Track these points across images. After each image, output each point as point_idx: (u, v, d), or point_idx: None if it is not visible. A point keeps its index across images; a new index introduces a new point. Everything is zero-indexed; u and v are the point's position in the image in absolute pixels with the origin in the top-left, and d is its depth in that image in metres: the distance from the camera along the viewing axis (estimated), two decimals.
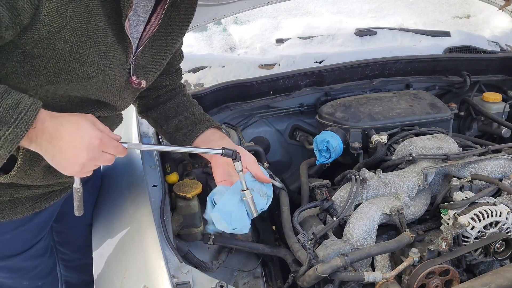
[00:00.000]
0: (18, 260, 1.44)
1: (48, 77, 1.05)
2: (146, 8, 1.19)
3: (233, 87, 2.09)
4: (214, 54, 2.88)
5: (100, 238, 1.52)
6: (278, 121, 2.24)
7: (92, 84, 1.14)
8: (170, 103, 1.53)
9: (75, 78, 1.08)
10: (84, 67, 1.08)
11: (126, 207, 1.49)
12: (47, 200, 1.39)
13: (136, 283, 1.20)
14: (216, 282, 1.12)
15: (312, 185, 1.69)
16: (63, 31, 0.99)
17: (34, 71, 1.03)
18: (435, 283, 1.29)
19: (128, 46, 1.16)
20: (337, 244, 1.39)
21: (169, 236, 1.27)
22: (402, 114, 1.92)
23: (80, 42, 1.03)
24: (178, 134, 1.48)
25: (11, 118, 0.93)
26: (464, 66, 2.36)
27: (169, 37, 1.33)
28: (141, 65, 1.27)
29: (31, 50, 0.99)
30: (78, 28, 1.01)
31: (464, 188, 1.56)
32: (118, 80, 1.21)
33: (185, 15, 1.35)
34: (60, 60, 1.03)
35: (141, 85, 1.27)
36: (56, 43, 1.00)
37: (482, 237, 1.35)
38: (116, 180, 1.67)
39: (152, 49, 1.29)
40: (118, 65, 1.17)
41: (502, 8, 2.66)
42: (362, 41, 2.95)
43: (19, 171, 1.18)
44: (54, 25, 0.97)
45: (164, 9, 1.22)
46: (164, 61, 1.37)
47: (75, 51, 1.03)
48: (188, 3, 1.34)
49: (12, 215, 1.32)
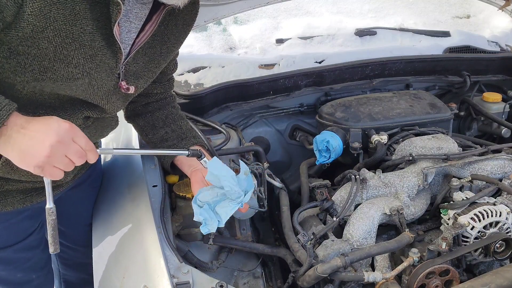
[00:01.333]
0: (11, 252, 1.44)
1: (34, 74, 1.07)
2: (140, 15, 1.19)
3: (233, 87, 2.09)
4: (214, 54, 2.87)
5: (100, 238, 1.52)
6: (278, 121, 2.25)
7: (78, 85, 1.15)
8: (159, 113, 1.53)
9: (60, 78, 1.10)
10: (69, 68, 1.09)
11: (126, 207, 1.49)
12: (38, 195, 1.39)
13: (136, 283, 1.20)
14: (216, 282, 1.12)
15: (312, 185, 1.69)
16: (46, 31, 1.01)
17: (20, 67, 1.05)
18: (435, 283, 1.29)
19: (118, 51, 1.16)
20: (337, 244, 1.39)
21: (169, 236, 1.27)
22: (402, 114, 1.92)
23: (65, 43, 1.05)
24: (162, 145, 1.49)
25: None
26: (464, 66, 2.36)
27: (165, 46, 1.33)
28: (132, 71, 1.27)
29: (16, 48, 1.01)
30: (62, 29, 1.03)
31: (464, 188, 1.56)
32: (105, 84, 1.21)
33: (183, 26, 1.36)
34: (44, 59, 1.05)
35: (129, 90, 1.27)
36: (40, 42, 1.02)
37: (482, 237, 1.35)
38: (116, 180, 1.67)
39: (145, 56, 1.29)
40: (106, 69, 1.18)
41: (502, 8, 2.66)
42: (362, 41, 2.95)
43: (4, 166, 1.18)
44: (37, 25, 0.99)
45: (159, 18, 1.22)
46: (158, 69, 1.37)
47: (59, 51, 1.05)
48: (187, 14, 1.34)
49: (2, 207, 1.33)
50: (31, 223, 1.49)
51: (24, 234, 1.47)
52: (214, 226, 1.25)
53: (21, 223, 1.44)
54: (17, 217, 1.41)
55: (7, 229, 1.41)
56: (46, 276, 1.63)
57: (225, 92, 2.07)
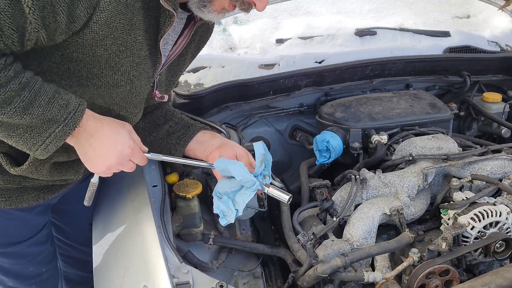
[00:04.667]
0: (25, 246, 1.51)
1: (80, 80, 1.11)
2: (176, 29, 1.28)
3: (233, 87, 2.09)
4: (214, 54, 2.87)
5: (100, 238, 1.52)
6: (278, 121, 2.24)
7: (119, 93, 1.20)
8: (158, 111, 1.55)
9: (104, 85, 1.14)
10: (116, 75, 1.14)
11: (126, 207, 1.49)
12: (50, 192, 1.44)
13: (136, 283, 1.20)
14: (216, 282, 1.12)
15: (312, 185, 1.69)
16: (106, 39, 1.06)
17: (68, 73, 1.09)
18: (435, 283, 1.29)
19: (157, 62, 1.24)
20: (337, 244, 1.39)
21: (169, 236, 1.27)
22: (402, 114, 1.92)
23: (119, 51, 1.10)
24: (170, 138, 1.50)
25: (61, 117, 1.03)
26: (464, 66, 2.36)
27: (182, 59, 1.41)
28: (161, 81, 1.36)
29: (70, 54, 1.06)
30: (119, 38, 1.08)
31: (464, 188, 1.56)
32: (142, 92, 1.28)
33: (198, 42, 1.45)
34: (95, 66, 1.10)
35: (163, 99, 1.37)
36: (96, 49, 1.07)
37: (482, 237, 1.35)
38: (116, 180, 1.67)
39: (166, 67, 1.36)
40: (145, 78, 1.24)
41: (502, 8, 2.66)
42: (362, 41, 2.95)
43: (30, 166, 1.23)
44: (100, 33, 1.04)
45: (192, 32, 1.32)
46: (175, 79, 1.46)
47: (112, 59, 1.10)
48: (204, 31, 1.43)
49: (19, 203, 1.38)
50: (42, 219, 1.55)
51: (36, 229, 1.54)
52: (233, 217, 1.25)
53: (34, 218, 1.50)
54: (31, 213, 1.47)
55: (21, 224, 1.47)
56: (54, 270, 1.70)
57: (225, 92, 2.07)
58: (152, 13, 1.15)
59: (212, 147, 1.40)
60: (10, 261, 1.52)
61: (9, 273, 1.55)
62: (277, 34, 3.17)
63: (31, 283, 1.60)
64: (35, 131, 1.02)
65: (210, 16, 1.22)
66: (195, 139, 1.47)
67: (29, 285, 1.60)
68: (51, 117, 1.02)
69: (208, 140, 1.45)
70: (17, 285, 1.58)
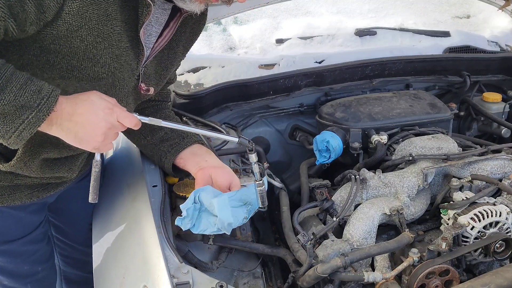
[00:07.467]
0: (19, 244, 1.50)
1: (61, 72, 1.10)
2: (160, 20, 1.26)
3: (233, 87, 2.09)
4: (214, 54, 2.88)
5: (99, 238, 1.52)
6: (278, 121, 2.24)
7: (102, 86, 1.18)
8: (157, 115, 1.53)
9: (86, 77, 1.14)
10: (96, 67, 1.13)
11: (126, 207, 1.49)
12: (44, 190, 1.44)
13: (136, 283, 1.20)
14: (216, 282, 1.12)
15: (312, 185, 1.69)
16: (81, 30, 1.05)
17: (48, 65, 1.09)
18: (435, 283, 1.29)
19: (140, 53, 1.22)
20: (337, 244, 1.39)
21: (169, 236, 1.27)
22: (402, 114, 1.92)
23: (95, 42, 1.09)
24: (163, 145, 1.49)
25: (34, 103, 1.00)
26: (464, 66, 2.36)
27: (172, 51, 1.39)
28: (148, 74, 1.33)
29: (48, 46, 1.05)
30: (95, 29, 1.07)
31: (464, 188, 1.56)
32: (126, 85, 1.26)
33: (190, 34, 1.42)
34: (74, 57, 1.09)
35: (149, 91, 1.34)
36: (72, 40, 1.06)
37: (482, 237, 1.35)
38: (116, 180, 1.67)
39: (155, 60, 1.34)
40: (128, 70, 1.23)
41: (502, 8, 2.66)
42: (362, 41, 2.94)
43: (19, 161, 1.22)
44: (73, 24, 1.03)
45: (177, 24, 1.30)
46: (166, 73, 1.43)
47: (89, 50, 1.10)
48: (195, 23, 1.40)
49: (11, 201, 1.37)
50: (37, 217, 1.55)
51: (30, 227, 1.53)
52: (187, 226, 1.26)
53: (28, 217, 1.50)
54: (24, 211, 1.47)
55: (16, 223, 1.47)
56: (50, 269, 1.69)
57: (225, 92, 2.07)
58: (131, 3, 1.14)
59: (206, 164, 1.40)
60: (4, 260, 1.52)
61: (3, 272, 1.55)
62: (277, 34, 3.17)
63: (27, 282, 1.59)
64: (8, 118, 0.99)
65: (191, 6, 1.19)
66: (189, 150, 1.47)
67: (24, 284, 1.59)
68: (24, 103, 0.98)
69: (203, 154, 1.45)
70: (12, 284, 1.58)
